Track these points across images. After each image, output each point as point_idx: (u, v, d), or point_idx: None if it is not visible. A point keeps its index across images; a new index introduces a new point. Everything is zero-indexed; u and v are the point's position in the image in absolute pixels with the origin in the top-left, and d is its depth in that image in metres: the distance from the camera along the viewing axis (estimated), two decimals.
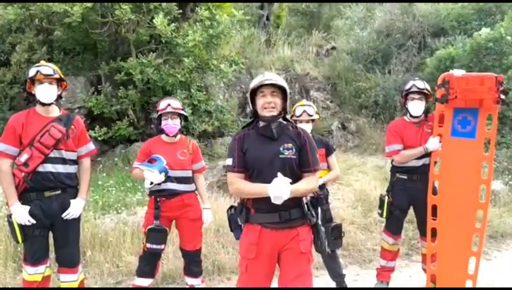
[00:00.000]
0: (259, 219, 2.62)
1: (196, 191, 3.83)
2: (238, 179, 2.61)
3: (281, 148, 2.57)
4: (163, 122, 3.68)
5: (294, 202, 2.57)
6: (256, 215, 2.63)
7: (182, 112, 3.76)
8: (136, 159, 3.82)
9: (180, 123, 3.75)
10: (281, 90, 2.64)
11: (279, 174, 2.43)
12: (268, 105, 2.59)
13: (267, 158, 2.54)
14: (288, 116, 2.79)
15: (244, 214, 2.67)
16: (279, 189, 2.38)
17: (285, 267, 2.62)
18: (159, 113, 3.70)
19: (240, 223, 2.74)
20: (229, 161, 2.66)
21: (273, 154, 2.55)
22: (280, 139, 2.61)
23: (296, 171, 2.59)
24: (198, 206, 3.78)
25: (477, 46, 8.58)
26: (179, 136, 3.79)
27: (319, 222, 2.68)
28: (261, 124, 2.66)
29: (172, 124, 3.66)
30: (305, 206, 2.61)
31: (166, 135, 3.71)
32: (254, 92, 2.66)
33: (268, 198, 2.49)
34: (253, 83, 2.65)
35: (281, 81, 2.64)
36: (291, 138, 2.64)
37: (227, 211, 2.84)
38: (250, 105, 2.71)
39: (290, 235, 2.59)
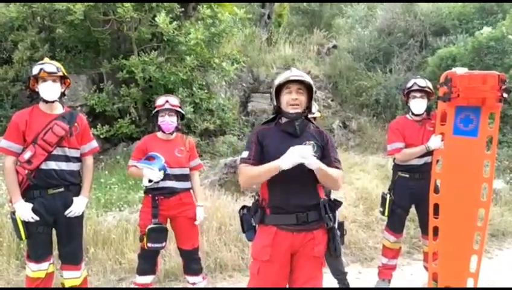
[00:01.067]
0: (275, 220, 2.53)
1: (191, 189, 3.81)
2: (247, 167, 2.51)
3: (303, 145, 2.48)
4: (159, 119, 3.67)
5: (313, 203, 2.53)
6: (272, 217, 2.54)
7: (180, 109, 3.74)
8: (131, 157, 3.79)
9: (177, 121, 3.73)
10: (307, 88, 2.57)
11: (291, 147, 2.34)
12: (293, 102, 2.52)
13: None
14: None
15: (259, 214, 2.57)
16: (293, 155, 2.30)
17: (298, 270, 2.57)
18: (156, 109, 3.69)
19: (253, 224, 2.64)
20: (244, 154, 2.58)
21: None
22: (302, 136, 2.55)
23: None
24: (195, 204, 3.76)
25: (478, 45, 8.58)
26: (174, 133, 3.76)
27: (336, 226, 2.62)
28: (284, 120, 2.60)
29: (169, 121, 3.65)
30: (323, 209, 2.52)
31: (163, 132, 3.70)
32: (279, 88, 2.58)
33: (285, 195, 2.46)
34: (279, 79, 2.57)
35: (307, 78, 2.55)
36: (313, 136, 2.58)
37: (239, 211, 2.75)
38: (274, 100, 2.62)
39: (305, 238, 2.52)
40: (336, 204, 2.66)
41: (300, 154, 2.31)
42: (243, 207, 2.76)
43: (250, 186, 2.68)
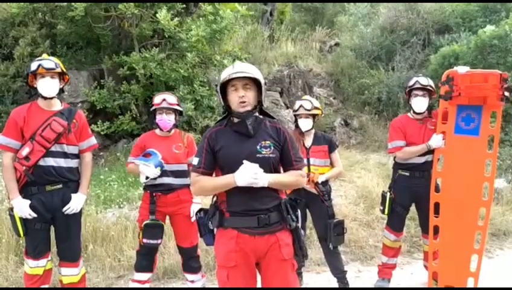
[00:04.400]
0: (235, 223, 2.37)
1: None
2: (200, 177, 2.38)
3: (258, 147, 2.37)
4: (157, 117, 3.66)
5: (274, 204, 2.39)
6: (231, 219, 2.38)
7: (178, 107, 3.73)
8: (130, 154, 3.78)
9: (175, 118, 3.73)
10: (255, 82, 2.40)
11: (245, 161, 2.26)
12: (241, 99, 2.35)
13: (243, 157, 2.30)
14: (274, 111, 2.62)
15: (217, 217, 2.40)
16: (248, 174, 2.21)
17: (270, 276, 2.41)
18: (154, 107, 3.68)
19: (211, 228, 2.48)
20: (195, 161, 2.43)
21: (249, 153, 2.33)
22: (257, 136, 2.40)
23: (276, 170, 2.40)
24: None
25: (481, 44, 8.53)
26: (173, 130, 3.76)
27: (299, 225, 2.47)
28: (235, 120, 2.43)
29: (167, 120, 3.64)
30: (285, 209, 2.39)
31: (161, 129, 3.70)
32: (225, 86, 2.41)
33: (245, 199, 2.33)
34: (222, 76, 2.39)
35: (253, 71, 2.38)
36: (270, 134, 2.43)
37: (196, 214, 2.60)
38: (221, 100, 2.46)
39: (269, 241, 2.37)
40: (298, 203, 2.52)
41: (252, 174, 2.23)
42: (200, 210, 2.59)
43: (202, 196, 2.54)
